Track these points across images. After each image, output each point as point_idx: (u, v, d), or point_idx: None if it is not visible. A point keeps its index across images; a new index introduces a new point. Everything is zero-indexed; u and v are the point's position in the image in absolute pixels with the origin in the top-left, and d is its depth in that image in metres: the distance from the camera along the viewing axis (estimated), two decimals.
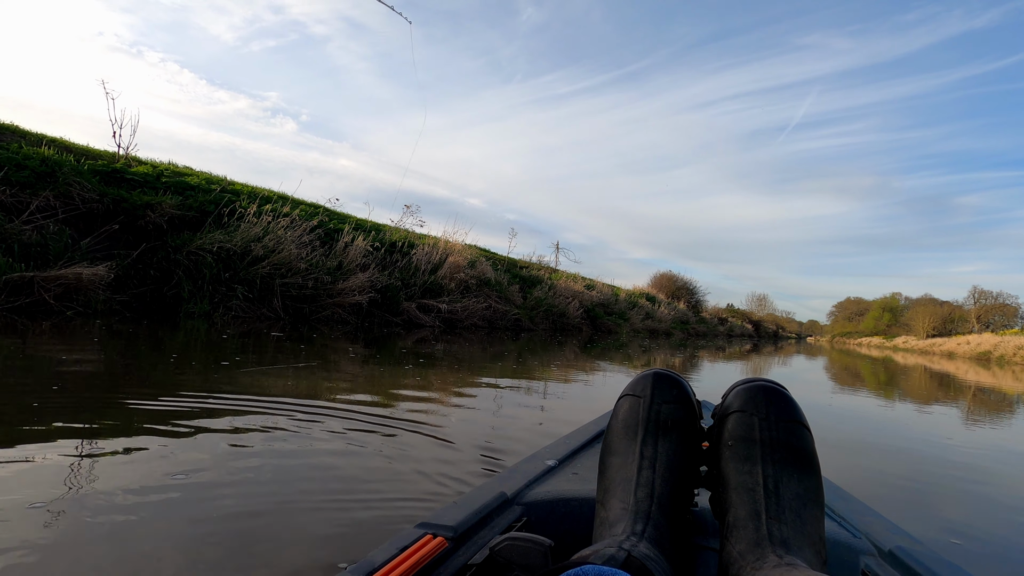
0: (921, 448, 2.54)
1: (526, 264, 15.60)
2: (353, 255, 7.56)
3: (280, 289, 6.42)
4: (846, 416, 3.49)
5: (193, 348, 3.70)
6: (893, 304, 55.77)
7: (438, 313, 8.24)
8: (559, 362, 5.34)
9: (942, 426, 3.48)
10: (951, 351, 24.33)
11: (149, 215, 6.14)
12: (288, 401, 2.18)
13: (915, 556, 0.67)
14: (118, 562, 0.90)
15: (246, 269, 6.21)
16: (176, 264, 5.87)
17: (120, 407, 1.89)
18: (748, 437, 0.60)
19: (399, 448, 1.65)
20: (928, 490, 1.84)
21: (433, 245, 9.37)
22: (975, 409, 4.59)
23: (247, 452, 1.51)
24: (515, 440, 1.89)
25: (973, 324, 41.71)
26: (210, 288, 5.91)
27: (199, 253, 5.95)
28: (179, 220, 6.44)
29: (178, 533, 1.01)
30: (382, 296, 7.60)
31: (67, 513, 1.05)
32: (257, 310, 6.24)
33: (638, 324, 17.95)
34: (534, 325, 11.39)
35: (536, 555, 0.55)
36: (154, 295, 5.70)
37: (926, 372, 9.80)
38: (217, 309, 5.78)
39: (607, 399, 3.24)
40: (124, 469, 1.32)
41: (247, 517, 1.10)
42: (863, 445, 2.51)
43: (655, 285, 29.65)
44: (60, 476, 1.23)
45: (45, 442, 1.45)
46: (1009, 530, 1.50)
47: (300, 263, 6.59)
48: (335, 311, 6.93)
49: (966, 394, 6.02)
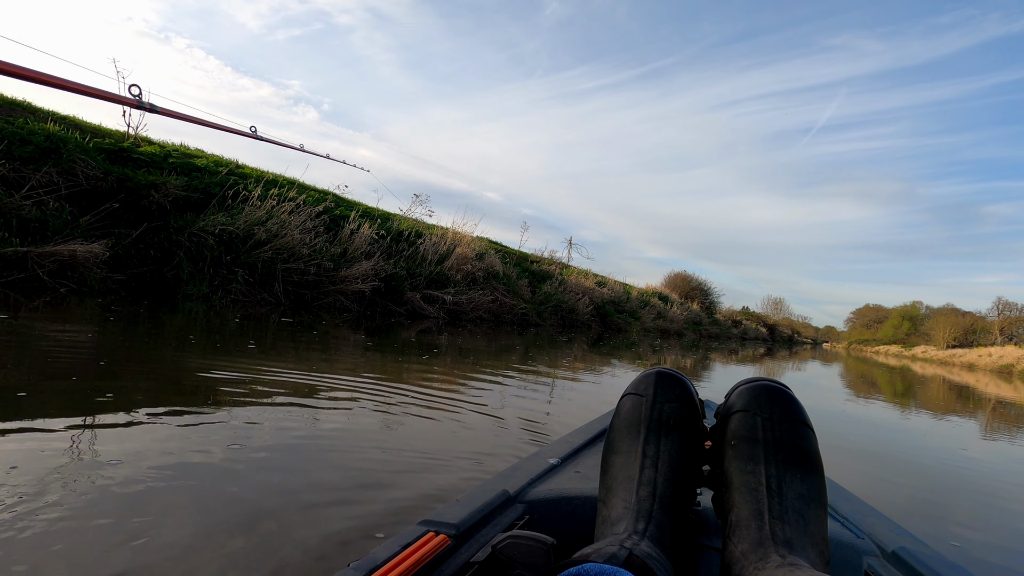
0: (935, 459, 2.51)
1: (537, 259, 15.42)
2: (358, 242, 7.46)
3: (282, 274, 6.34)
4: (861, 424, 3.45)
5: (202, 331, 3.62)
6: (913, 312, 54.75)
7: (443, 304, 8.12)
8: (567, 359, 5.20)
9: (958, 437, 3.41)
10: (972, 363, 23.76)
11: (153, 195, 6.08)
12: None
13: (918, 557, 0.66)
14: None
15: (248, 253, 6.13)
16: (178, 245, 5.81)
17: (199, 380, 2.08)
18: (751, 437, 0.60)
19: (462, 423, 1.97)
20: (939, 499, 1.83)
21: (441, 235, 9.25)
22: (994, 422, 4.50)
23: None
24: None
25: (996, 336, 40.76)
26: (211, 271, 5.84)
27: (201, 235, 5.89)
28: (183, 201, 6.39)
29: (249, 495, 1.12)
30: (386, 285, 7.50)
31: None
32: (258, 294, 6.16)
33: (649, 323, 17.70)
34: (542, 320, 11.23)
35: (538, 553, 0.55)
36: (154, 275, 5.65)
37: (944, 383, 9.58)
38: (216, 292, 5.71)
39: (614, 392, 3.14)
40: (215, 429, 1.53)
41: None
42: (878, 454, 2.48)
43: (669, 285, 29.30)
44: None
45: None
46: (1016, 536, 1.49)
47: (303, 248, 6.49)
48: (337, 298, 6.84)
49: (985, 407, 5.89)
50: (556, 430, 2.03)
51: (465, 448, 1.64)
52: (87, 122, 7.85)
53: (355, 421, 1.80)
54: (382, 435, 1.68)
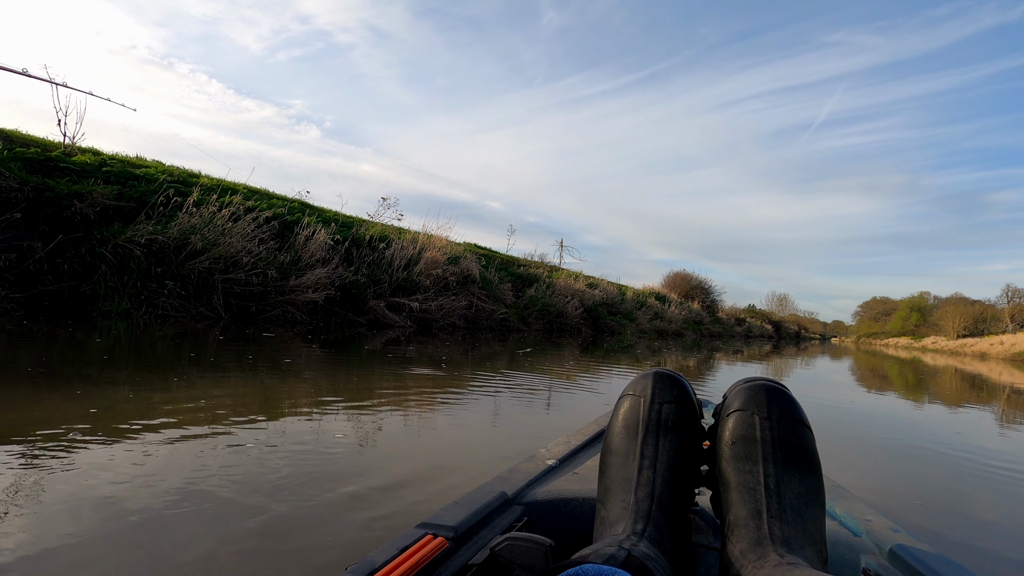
0: (944, 450, 2.44)
1: (525, 262, 14.86)
2: (313, 249, 6.92)
3: (222, 285, 5.80)
4: (871, 417, 3.42)
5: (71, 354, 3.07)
6: (921, 303, 53.83)
7: (410, 312, 7.56)
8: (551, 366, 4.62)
9: (970, 428, 3.31)
10: (984, 352, 23.07)
11: (76, 205, 5.57)
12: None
13: (916, 555, 0.65)
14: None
15: (182, 264, 5.60)
16: (101, 258, 5.28)
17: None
18: (749, 436, 0.59)
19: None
20: (960, 490, 1.79)
21: (411, 240, 8.71)
22: (1010, 412, 4.41)
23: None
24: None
25: (1007, 324, 39.87)
26: (138, 285, 5.31)
27: (127, 246, 5.36)
28: (114, 211, 5.88)
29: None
30: (344, 294, 6.94)
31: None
32: (194, 309, 5.62)
33: (646, 325, 17.07)
34: (525, 326, 10.65)
35: (537, 555, 0.55)
36: (72, 292, 5.12)
37: (957, 374, 9.08)
38: (140, 308, 5.17)
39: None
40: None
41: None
42: (884, 447, 2.45)
43: (668, 285, 28.66)
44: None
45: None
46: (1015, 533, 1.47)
47: (245, 257, 5.96)
48: (286, 310, 6.29)
49: (1000, 397, 5.66)
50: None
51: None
52: (31, 135, 7.40)
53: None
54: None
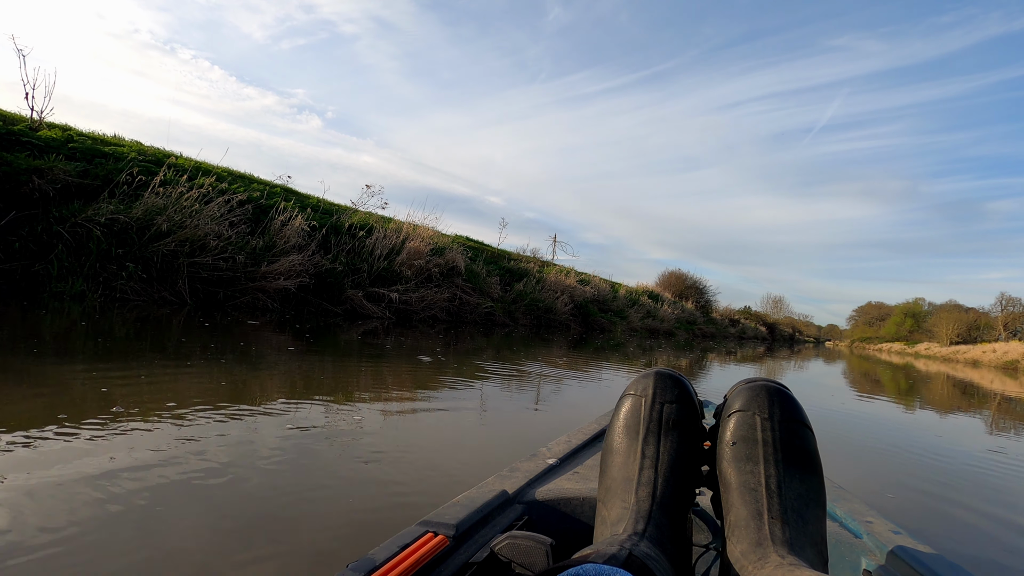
0: (939, 456, 2.45)
1: (516, 256, 14.60)
2: (288, 235, 6.66)
3: (187, 269, 5.55)
4: (864, 421, 3.43)
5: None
6: (916, 309, 53.84)
7: (389, 303, 7.32)
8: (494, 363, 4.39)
9: (962, 434, 3.34)
10: (976, 359, 22.98)
11: (35, 181, 5.30)
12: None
13: (916, 556, 0.65)
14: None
15: (145, 246, 5.34)
16: (58, 237, 5.02)
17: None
18: (750, 437, 0.59)
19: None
20: (947, 497, 1.79)
21: (395, 229, 8.46)
22: (999, 419, 4.47)
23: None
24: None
25: (1000, 332, 39.89)
26: (98, 266, 5.06)
27: (85, 225, 5.10)
28: (77, 188, 5.61)
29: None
30: (320, 282, 6.70)
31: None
32: (156, 293, 5.37)
33: (637, 323, 16.86)
34: (512, 320, 10.42)
35: (537, 554, 0.55)
36: (24, 272, 4.86)
37: (948, 380, 8.93)
38: (97, 290, 4.92)
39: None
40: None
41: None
42: (880, 451, 2.44)
43: (662, 284, 28.44)
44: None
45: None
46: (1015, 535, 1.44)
47: (213, 240, 5.70)
48: (257, 296, 6.04)
49: (990, 403, 5.67)
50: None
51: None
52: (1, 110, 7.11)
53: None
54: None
